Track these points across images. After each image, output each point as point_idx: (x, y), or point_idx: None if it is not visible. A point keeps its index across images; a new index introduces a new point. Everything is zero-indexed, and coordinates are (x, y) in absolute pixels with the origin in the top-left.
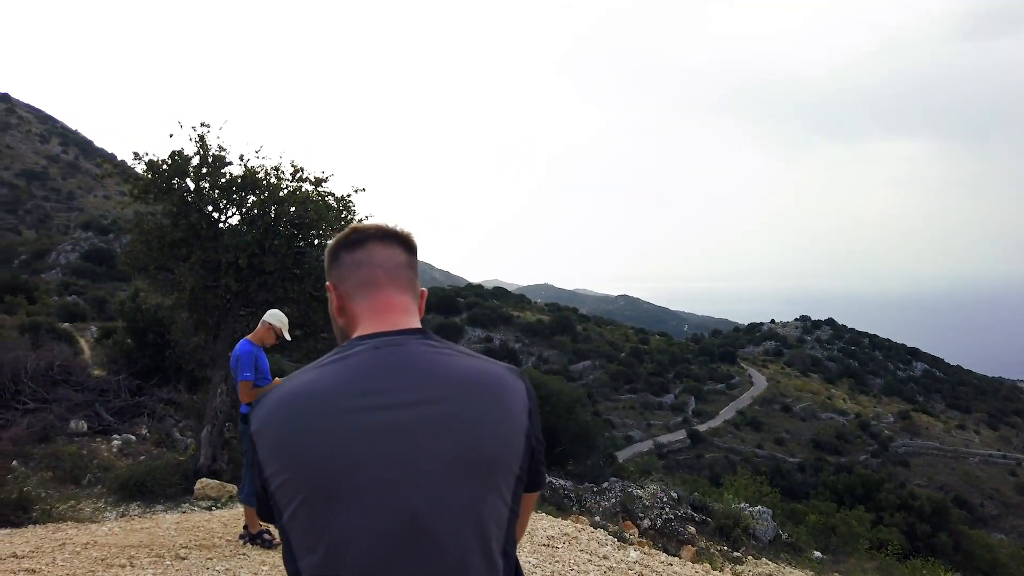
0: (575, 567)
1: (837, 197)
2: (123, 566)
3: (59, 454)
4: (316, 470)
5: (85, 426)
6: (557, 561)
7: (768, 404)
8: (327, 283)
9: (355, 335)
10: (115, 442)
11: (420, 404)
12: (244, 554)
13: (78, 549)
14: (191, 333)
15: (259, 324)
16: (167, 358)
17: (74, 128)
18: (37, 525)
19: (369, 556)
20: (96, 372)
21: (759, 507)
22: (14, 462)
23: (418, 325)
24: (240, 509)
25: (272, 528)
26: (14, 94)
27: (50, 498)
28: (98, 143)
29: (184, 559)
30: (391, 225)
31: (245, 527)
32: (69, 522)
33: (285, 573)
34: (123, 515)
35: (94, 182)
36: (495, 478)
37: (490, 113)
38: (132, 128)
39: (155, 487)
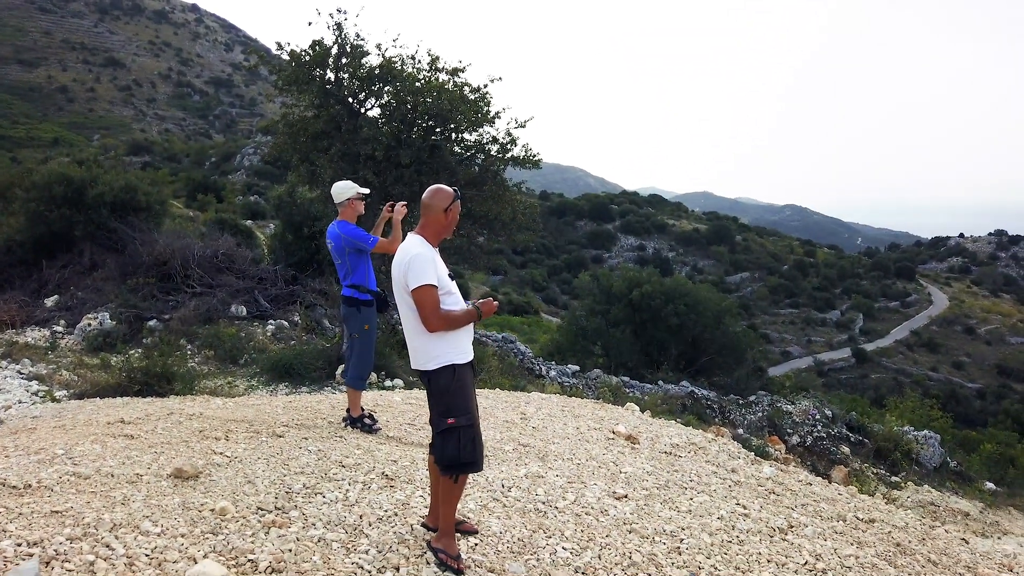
0: (695, 478)
1: None
2: (218, 438)
3: (220, 335)
4: None
5: (244, 311)
6: (675, 471)
7: (948, 325)
8: None
9: None
10: (270, 327)
11: None
12: (341, 437)
13: (182, 420)
14: None
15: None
16: (320, 250)
17: (254, 36)
18: (177, 397)
19: None
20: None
21: (925, 431)
22: (182, 340)
23: None
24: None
25: (373, 413)
26: (201, 4)
27: (209, 374)
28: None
29: (280, 437)
30: None
31: (348, 410)
32: (204, 395)
33: (375, 457)
34: (272, 394)
35: (273, 89)
36: None
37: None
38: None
39: (302, 370)
